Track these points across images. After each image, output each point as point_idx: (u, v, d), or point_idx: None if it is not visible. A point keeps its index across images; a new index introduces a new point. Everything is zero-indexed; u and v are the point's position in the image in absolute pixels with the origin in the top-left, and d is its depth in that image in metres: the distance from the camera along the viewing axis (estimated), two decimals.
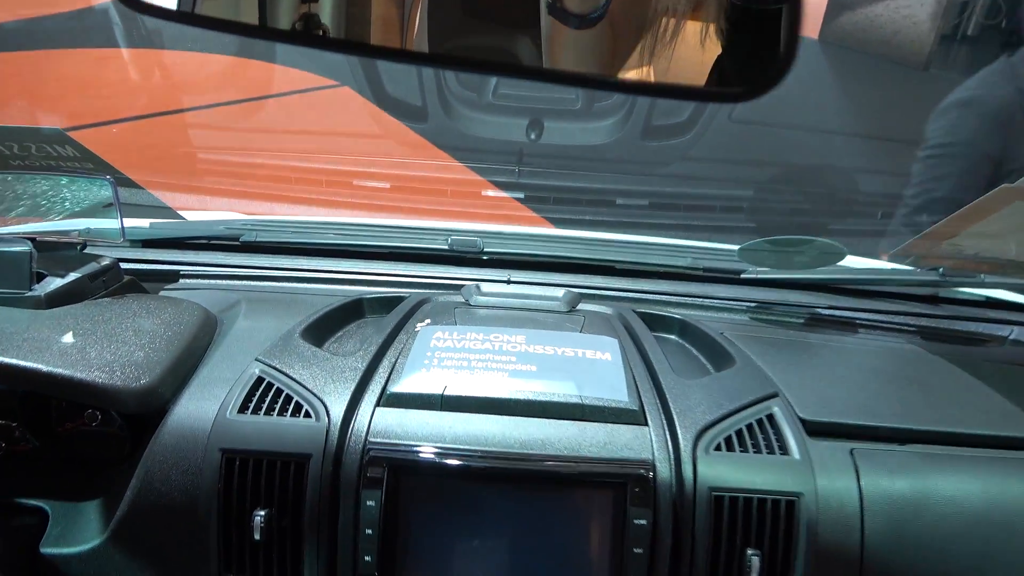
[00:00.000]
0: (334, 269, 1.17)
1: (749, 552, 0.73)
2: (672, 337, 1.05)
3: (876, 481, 0.77)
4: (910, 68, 3.52)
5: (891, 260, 1.34)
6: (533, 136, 2.30)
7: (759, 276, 1.17)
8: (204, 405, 0.80)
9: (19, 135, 1.34)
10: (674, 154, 2.52)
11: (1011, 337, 1.14)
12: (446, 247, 1.19)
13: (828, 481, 0.76)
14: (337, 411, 0.77)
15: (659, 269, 1.21)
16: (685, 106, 2.48)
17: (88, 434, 0.87)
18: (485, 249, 1.18)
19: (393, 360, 0.85)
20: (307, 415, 0.77)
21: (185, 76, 2.54)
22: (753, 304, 1.16)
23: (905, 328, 1.14)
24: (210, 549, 0.76)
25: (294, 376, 0.82)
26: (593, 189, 2.40)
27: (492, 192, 2.22)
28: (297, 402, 0.79)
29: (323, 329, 0.96)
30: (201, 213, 1.65)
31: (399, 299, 1.05)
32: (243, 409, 0.78)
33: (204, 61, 2.55)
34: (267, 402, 0.79)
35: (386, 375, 0.82)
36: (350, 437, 0.76)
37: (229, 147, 2.17)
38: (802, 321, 1.14)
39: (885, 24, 3.76)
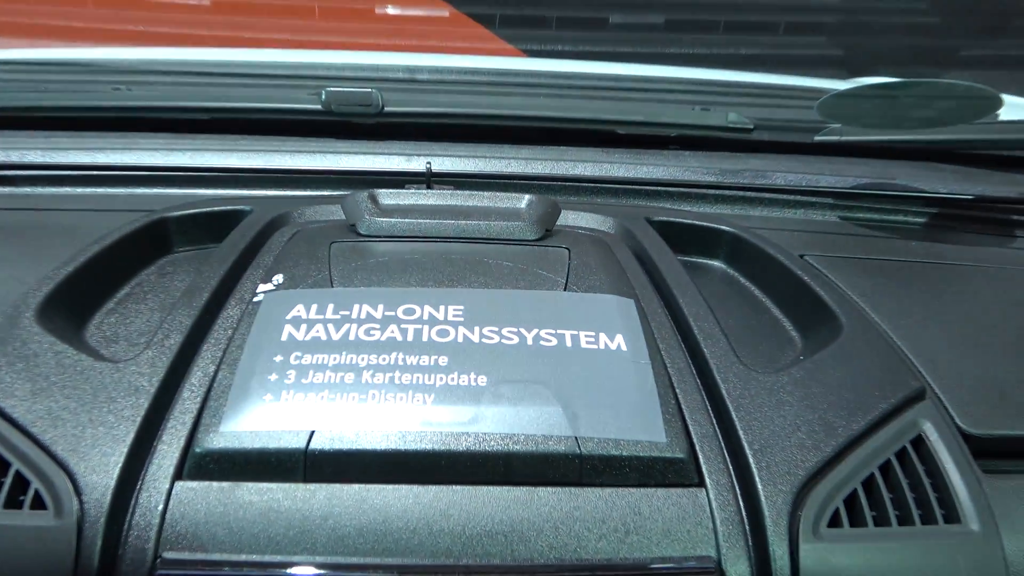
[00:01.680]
0: (122, 164, 0.86)
1: None
2: (716, 264, 0.80)
3: None
4: None
5: None
6: None
7: (845, 139, 0.94)
8: None
9: None
10: None
11: None
12: (318, 107, 0.89)
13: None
14: (96, 492, 0.49)
15: (686, 132, 0.94)
16: None
17: None
18: (386, 108, 0.90)
19: (211, 370, 0.57)
20: (38, 503, 0.49)
21: None
22: (841, 191, 0.91)
23: None
24: None
25: (14, 416, 0.52)
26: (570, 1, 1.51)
27: (393, 8, 1.35)
28: (19, 473, 0.50)
29: (89, 291, 0.67)
30: None
31: (233, 215, 0.76)
32: None
33: None
34: None
35: (196, 407, 0.54)
36: (125, 551, 0.48)
37: None
38: (922, 220, 0.91)
39: None
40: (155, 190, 0.86)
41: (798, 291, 0.71)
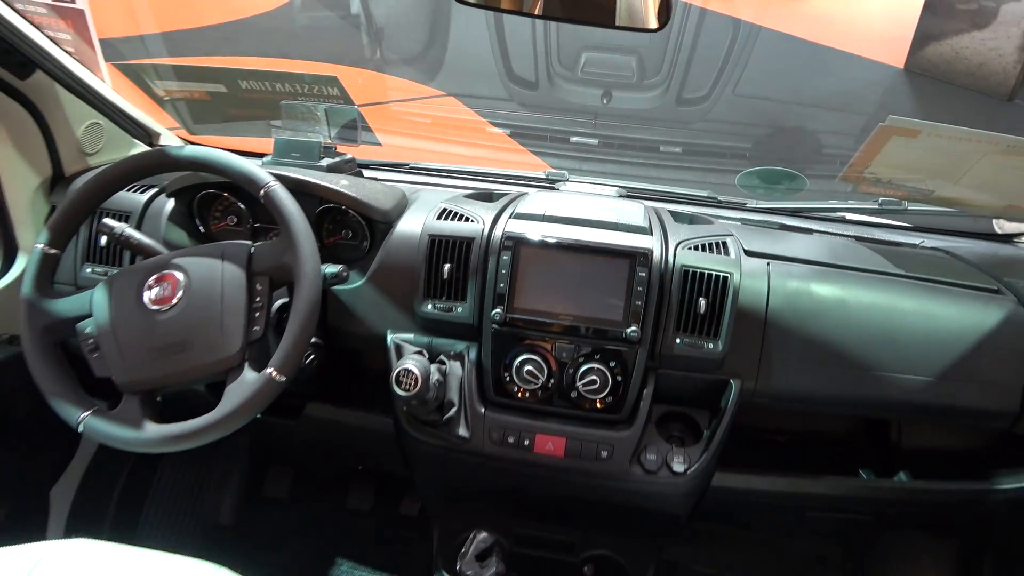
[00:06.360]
0: (469, 185, 1.70)
1: (700, 300, 1.10)
2: (684, 226, 1.36)
3: (780, 278, 1.14)
4: (994, 98, 3.58)
5: (840, 185, 1.70)
6: (605, 101, 3.42)
7: (757, 206, 1.62)
8: (417, 219, 1.25)
9: (309, 78, 2.17)
10: (697, 115, 3.59)
11: (921, 244, 1.54)
12: (544, 176, 1.73)
13: (749, 271, 1.13)
14: (488, 220, 1.21)
15: (686, 198, 1.64)
16: (705, 82, 3.50)
17: (345, 246, 1.37)
18: (570, 179, 1.69)
19: (516, 206, 1.27)
20: (472, 221, 1.21)
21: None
22: (749, 219, 1.58)
23: (845, 234, 1.50)
24: (419, 285, 1.19)
25: (465, 208, 1.25)
26: (644, 139, 3.49)
27: (576, 139, 3.29)
28: (468, 216, 1.22)
29: (470, 198, 1.40)
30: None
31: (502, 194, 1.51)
32: (439, 219, 1.22)
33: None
34: (451, 217, 1.22)
35: (514, 208, 1.25)
36: (496, 231, 1.18)
37: (414, 113, 3.44)
38: (777, 228, 1.54)
39: (971, 56, 3.65)
40: (467, 182, 1.64)
41: (703, 221, 1.35)
